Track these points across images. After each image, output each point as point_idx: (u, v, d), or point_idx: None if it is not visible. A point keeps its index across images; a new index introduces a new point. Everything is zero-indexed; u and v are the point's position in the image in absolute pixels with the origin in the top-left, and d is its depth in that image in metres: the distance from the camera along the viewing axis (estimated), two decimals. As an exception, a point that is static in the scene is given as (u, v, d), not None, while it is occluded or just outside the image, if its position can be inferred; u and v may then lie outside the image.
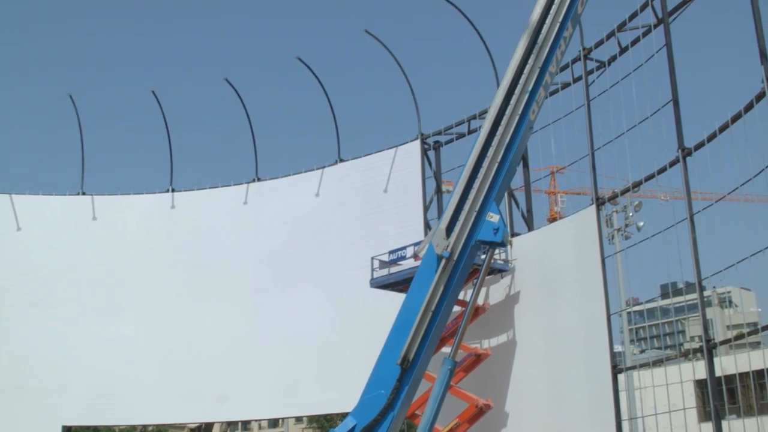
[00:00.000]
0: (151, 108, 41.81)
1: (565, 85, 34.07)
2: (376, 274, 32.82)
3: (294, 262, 38.33)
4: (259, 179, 40.94)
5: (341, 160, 39.22)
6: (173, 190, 41.55)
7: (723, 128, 26.41)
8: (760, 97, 24.62)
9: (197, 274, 39.26)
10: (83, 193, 41.36)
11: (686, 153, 27.63)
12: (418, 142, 37.02)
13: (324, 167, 39.48)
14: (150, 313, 38.93)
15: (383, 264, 32.67)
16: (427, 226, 35.07)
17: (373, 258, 33.01)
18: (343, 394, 28.75)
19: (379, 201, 37.24)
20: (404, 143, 37.47)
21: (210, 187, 41.46)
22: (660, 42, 29.41)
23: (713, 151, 26.80)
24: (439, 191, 37.49)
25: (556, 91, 33.94)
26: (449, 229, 19.20)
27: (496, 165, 19.22)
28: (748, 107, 25.30)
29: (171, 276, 39.49)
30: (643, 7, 30.41)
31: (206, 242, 39.91)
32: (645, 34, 30.60)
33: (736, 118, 25.84)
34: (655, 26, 30.07)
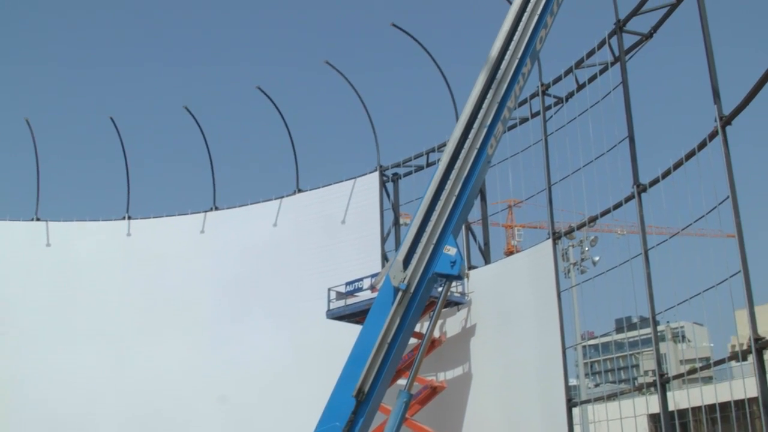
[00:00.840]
0: (110, 135, 41.53)
1: (524, 120, 34.43)
2: (332, 306, 32.73)
3: (250, 292, 38.10)
4: (216, 208, 40.76)
5: (300, 191, 39.20)
6: (129, 218, 41.17)
7: (677, 165, 26.79)
8: (713, 135, 25.01)
9: (153, 303, 38.80)
10: (38, 219, 40.79)
11: (641, 189, 28.00)
12: (376, 174, 37.13)
13: (282, 197, 39.44)
14: (104, 342, 38.22)
15: (340, 295, 32.59)
16: (385, 258, 35.10)
17: (329, 289, 32.93)
18: (298, 426, 28.46)
19: (336, 232, 37.24)
20: (363, 175, 37.58)
21: (167, 216, 41.19)
22: (617, 79, 29.90)
23: (668, 187, 27.19)
24: (397, 223, 37.59)
25: (514, 126, 34.28)
26: (406, 262, 19.18)
27: (454, 198, 19.28)
28: (702, 145, 25.70)
29: (126, 305, 38.93)
30: (601, 45, 30.89)
31: (162, 271, 39.49)
32: (602, 71, 31.09)
33: (690, 156, 26.24)
34: (612, 64, 30.57)
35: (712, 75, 25.27)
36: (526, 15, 19.60)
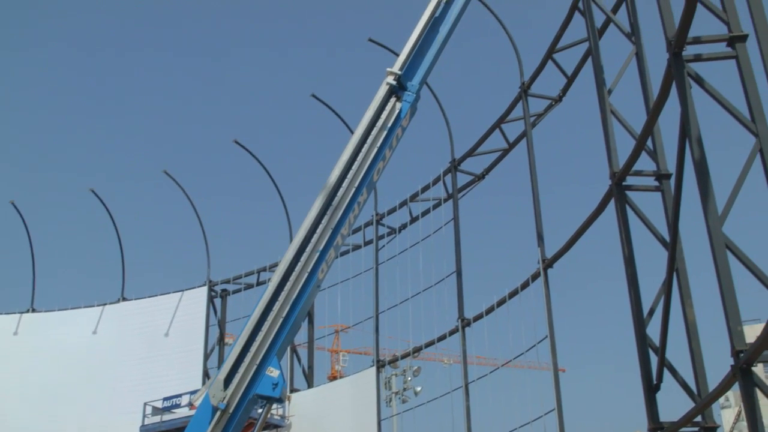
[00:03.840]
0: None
1: (356, 247, 34.97)
2: (147, 421, 31.62)
3: (64, 401, 36.26)
4: (34, 310, 39.04)
5: (124, 299, 38.15)
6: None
7: (501, 302, 27.75)
8: (535, 276, 26.19)
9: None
10: None
11: (465, 323, 28.76)
12: (205, 289, 36.64)
13: (105, 304, 38.21)
14: None
15: (156, 410, 31.56)
16: (206, 375, 34.34)
17: (146, 403, 31.85)
18: None
19: (159, 345, 36.25)
20: (191, 288, 37.00)
21: (-22, 315, 39.10)
22: (449, 215, 30.95)
23: (491, 322, 28.03)
24: (221, 340, 36.99)
25: (346, 252, 34.73)
26: (228, 381, 18.86)
27: (281, 320, 19.23)
28: (525, 285, 26.82)
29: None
30: (435, 181, 32.06)
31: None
32: (435, 206, 32.14)
33: (513, 294, 27.30)
34: (445, 200, 31.69)
35: (537, 220, 26.59)
36: (366, 146, 20.15)
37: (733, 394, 76.02)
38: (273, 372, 19.02)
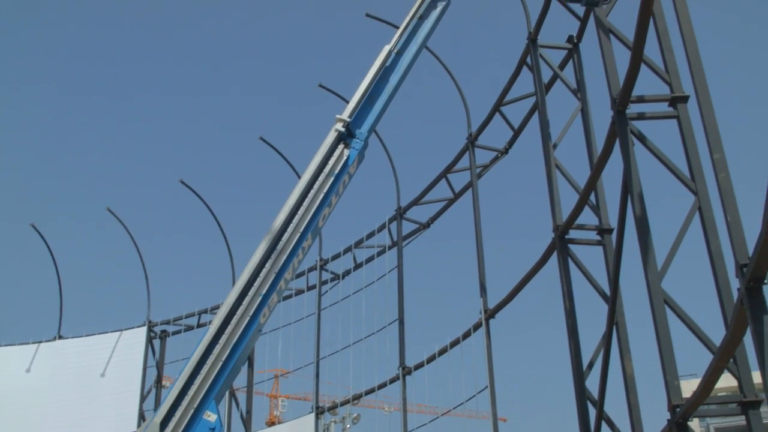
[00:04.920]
0: None
1: (299, 292, 34.83)
2: (79, 463, 30.91)
3: (-10, 441, 35.42)
4: (-35, 347, 38.07)
5: (60, 337, 37.41)
6: None
7: (442, 351, 27.80)
8: (477, 326, 26.33)
9: None
10: None
11: (406, 371, 28.73)
12: (144, 329, 36.12)
13: (41, 342, 37.41)
14: None
15: (89, 453, 30.89)
16: (142, 417, 33.75)
17: (79, 445, 31.16)
18: None
19: (95, 385, 35.53)
20: (130, 328, 36.44)
21: None
22: (393, 263, 31.01)
23: (432, 370, 28.06)
24: (159, 382, 36.41)
25: (289, 297, 34.57)
26: (164, 424, 18.58)
27: (221, 363, 19.05)
28: (466, 334, 26.94)
29: None
30: (381, 228, 32.16)
31: None
32: (380, 253, 32.20)
33: (454, 343, 27.40)
34: (390, 247, 31.77)
35: (480, 270, 26.80)
36: (312, 192, 20.20)
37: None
38: (210, 416, 18.80)
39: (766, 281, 10.33)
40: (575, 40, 23.19)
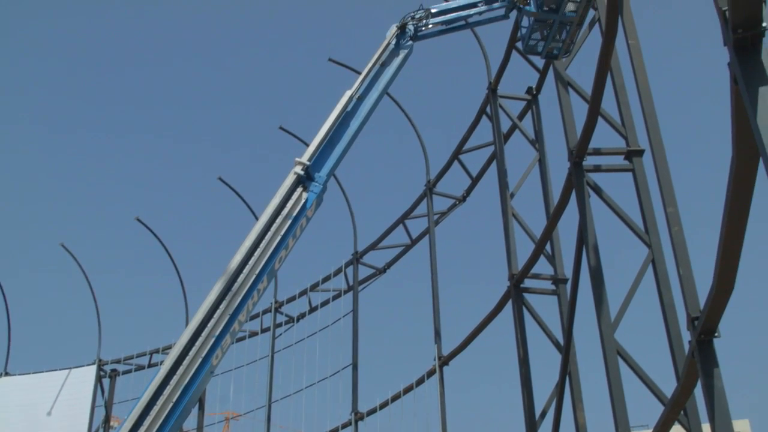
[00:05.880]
0: None
1: (253, 334, 34.56)
2: (21, 505, 30.20)
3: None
4: None
5: (7, 374, 36.70)
6: None
7: (395, 397, 27.70)
8: (431, 373, 26.28)
9: None
10: None
11: (359, 417, 28.54)
12: (94, 368, 35.56)
13: (-15, 379, 36.70)
14: None
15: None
16: (89, 458, 33.13)
17: (21, 486, 30.47)
18: None
19: (41, 423, 34.81)
20: (80, 366, 35.85)
21: None
22: (348, 307, 30.94)
23: (385, 416, 27.91)
24: (107, 422, 35.79)
25: (243, 338, 34.29)
26: (111, 466, 18.33)
27: (171, 404, 18.77)
28: (420, 381, 26.88)
29: None
30: (337, 272, 32.12)
31: None
32: (335, 297, 32.11)
33: (408, 390, 27.32)
34: (345, 292, 31.72)
35: (435, 317, 26.83)
36: (269, 234, 20.12)
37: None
38: (159, 458, 18.50)
39: (716, 335, 10.47)
40: (534, 92, 23.56)
